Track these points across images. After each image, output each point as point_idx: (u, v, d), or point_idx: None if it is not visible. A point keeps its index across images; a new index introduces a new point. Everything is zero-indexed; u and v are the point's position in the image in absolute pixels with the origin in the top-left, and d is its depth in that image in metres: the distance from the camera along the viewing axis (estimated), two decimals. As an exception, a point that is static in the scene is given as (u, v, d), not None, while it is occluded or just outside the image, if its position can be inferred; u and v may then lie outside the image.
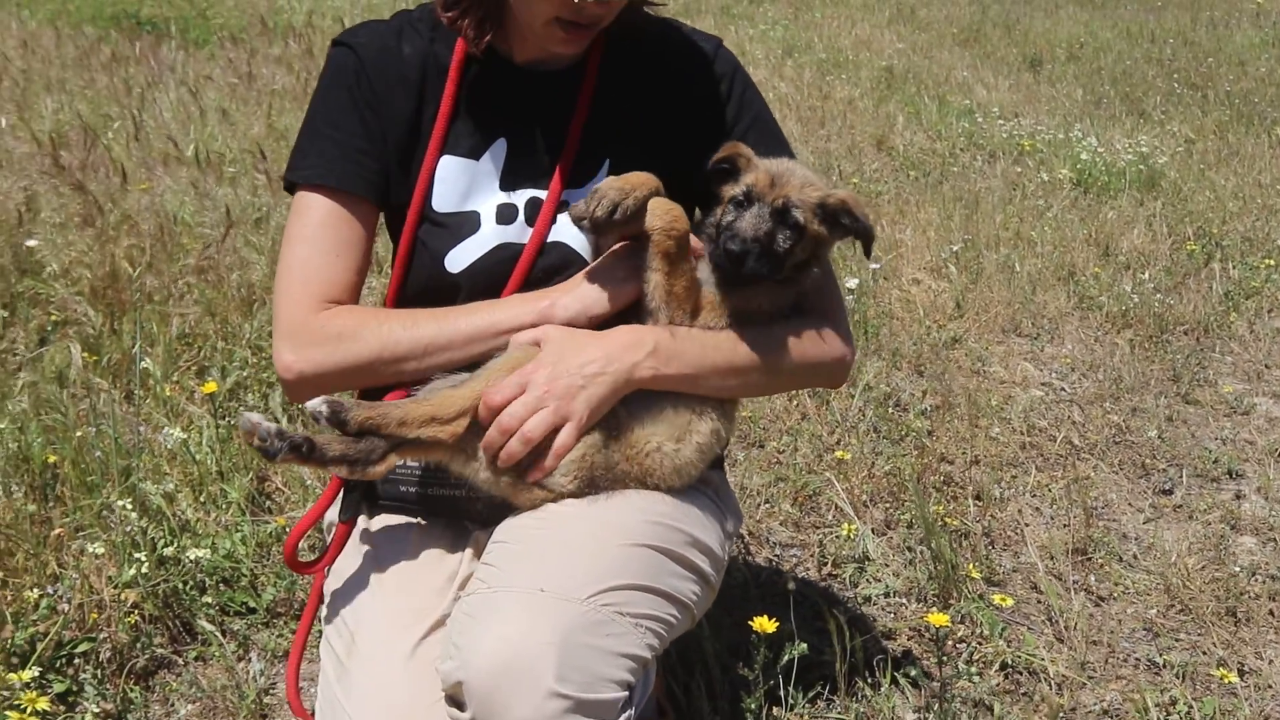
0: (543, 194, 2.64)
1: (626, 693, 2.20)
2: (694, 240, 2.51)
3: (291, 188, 2.69)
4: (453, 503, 2.61)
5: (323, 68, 2.75)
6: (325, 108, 2.69)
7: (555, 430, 2.37)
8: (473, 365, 2.50)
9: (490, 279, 2.61)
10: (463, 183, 2.65)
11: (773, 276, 2.48)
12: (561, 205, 2.63)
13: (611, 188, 2.36)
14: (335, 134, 2.64)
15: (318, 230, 2.61)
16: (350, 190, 2.61)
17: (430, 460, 2.52)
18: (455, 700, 2.19)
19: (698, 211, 2.69)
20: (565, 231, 2.62)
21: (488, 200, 2.65)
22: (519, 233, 2.63)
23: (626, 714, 2.21)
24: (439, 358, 2.51)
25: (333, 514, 2.79)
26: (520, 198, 2.65)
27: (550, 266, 2.60)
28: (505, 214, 2.63)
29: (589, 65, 2.70)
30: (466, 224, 2.64)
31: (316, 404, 2.31)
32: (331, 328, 2.53)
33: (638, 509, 2.42)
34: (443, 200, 2.65)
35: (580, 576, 2.23)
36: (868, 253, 2.59)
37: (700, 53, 2.80)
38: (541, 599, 2.17)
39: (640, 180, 2.40)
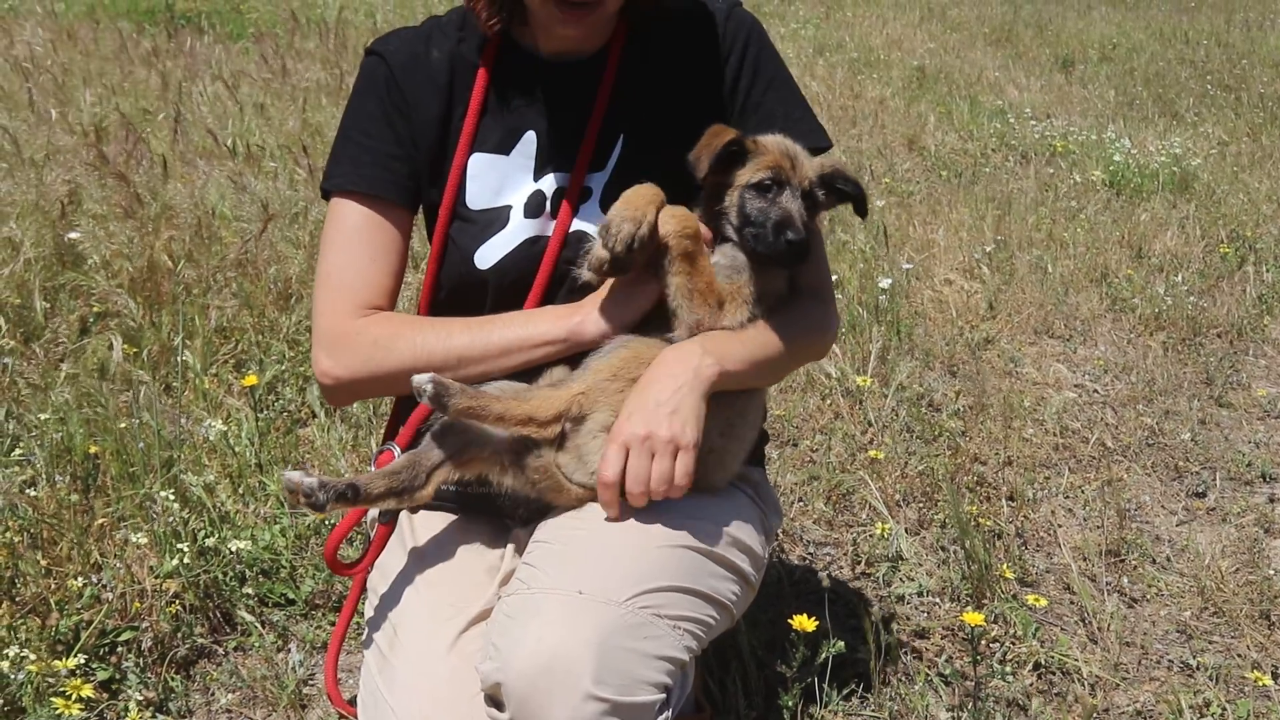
0: (562, 181, 2.67)
1: (664, 695, 2.22)
2: (702, 229, 2.53)
3: (327, 195, 2.74)
4: (492, 500, 2.63)
5: (356, 76, 2.79)
6: (357, 116, 2.74)
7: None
8: (515, 376, 2.54)
9: (517, 275, 2.64)
10: (494, 178, 2.68)
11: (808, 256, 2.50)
12: (584, 193, 2.66)
13: (622, 220, 2.34)
14: (367, 141, 2.69)
15: (352, 236, 2.65)
16: (382, 195, 2.66)
17: (469, 476, 2.55)
18: (494, 700, 2.22)
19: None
20: (589, 222, 2.64)
21: (519, 193, 2.68)
22: (544, 225, 2.66)
23: (663, 716, 2.24)
24: (473, 369, 2.55)
25: (374, 511, 2.82)
26: (548, 186, 2.67)
27: (575, 259, 2.62)
28: (534, 205, 2.67)
29: (611, 51, 2.72)
30: (497, 220, 2.67)
31: (422, 380, 2.32)
32: (368, 335, 2.58)
33: (679, 509, 2.43)
34: (476, 197, 2.68)
35: (619, 578, 2.25)
36: (862, 212, 2.67)
37: (713, 22, 2.80)
38: (580, 601, 2.19)
39: (644, 199, 2.38)
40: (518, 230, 2.65)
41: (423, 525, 2.74)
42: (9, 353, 4.78)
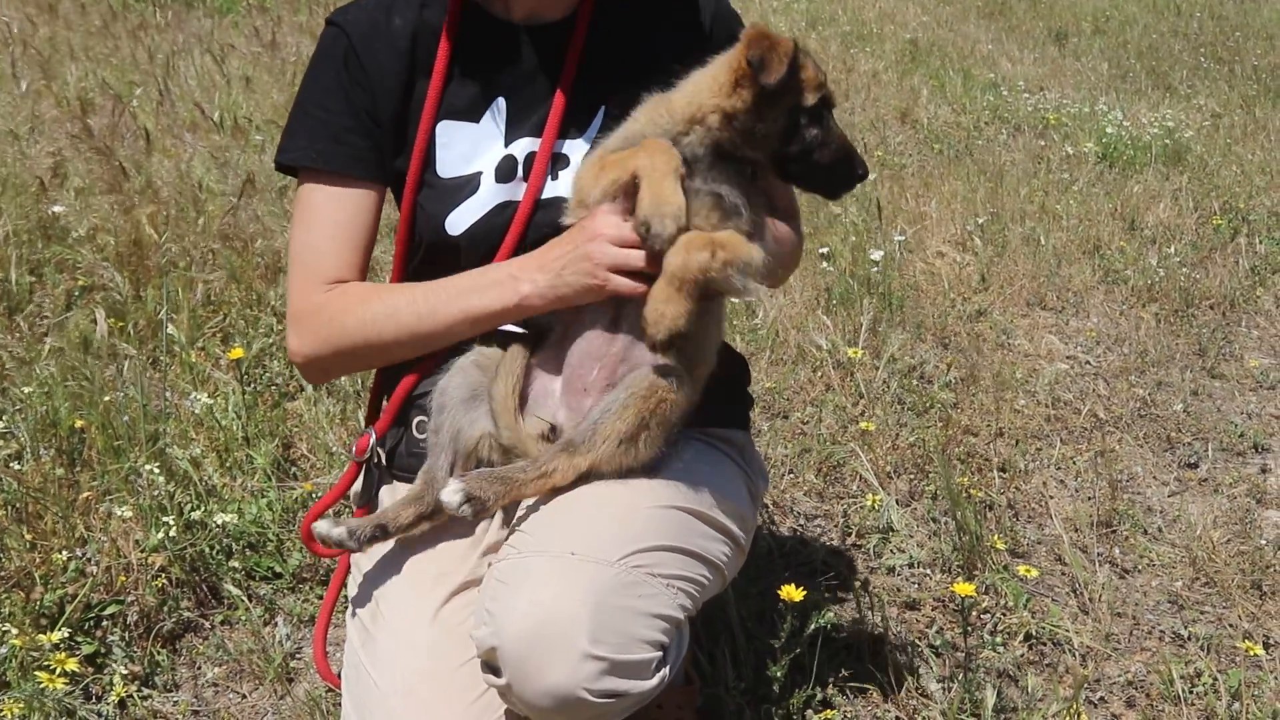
0: (537, 146, 2.63)
1: (660, 653, 2.21)
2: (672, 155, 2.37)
3: (282, 168, 2.73)
4: None
5: (316, 45, 2.75)
6: (314, 89, 2.70)
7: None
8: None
9: (489, 240, 2.61)
10: (464, 145, 2.64)
11: None
12: (557, 158, 2.62)
13: (662, 217, 2.23)
14: (323, 115, 2.65)
15: (314, 213, 2.64)
16: (340, 170, 2.63)
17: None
18: (491, 666, 2.20)
19: None
20: (563, 186, 2.60)
21: (489, 158, 2.65)
22: (515, 190, 2.62)
23: (661, 673, 2.22)
24: (425, 345, 2.57)
25: (355, 487, 2.80)
26: (520, 150, 2.64)
27: (549, 222, 2.56)
28: (505, 170, 2.63)
29: (580, 13, 2.67)
30: (467, 185, 2.64)
31: (453, 500, 2.29)
32: (325, 312, 2.58)
33: (666, 472, 2.42)
34: (446, 165, 2.65)
35: (611, 539, 2.24)
36: None
37: None
38: (572, 562, 2.17)
39: (669, 188, 2.27)
40: (489, 196, 2.61)
41: (406, 499, 2.72)
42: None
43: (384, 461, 2.74)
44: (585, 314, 2.46)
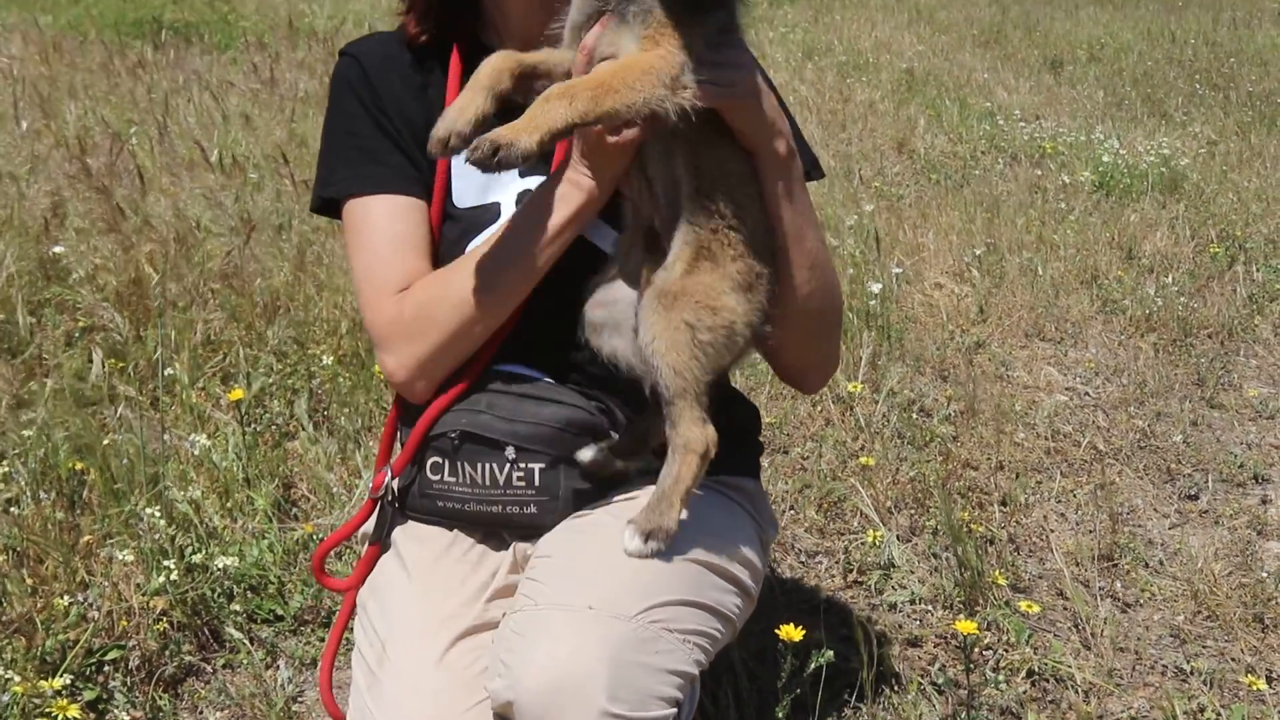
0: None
1: (675, 710, 2.20)
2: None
3: (329, 204, 2.70)
4: (496, 518, 2.60)
5: (330, 80, 2.76)
6: (339, 118, 2.70)
7: None
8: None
9: None
10: (479, 175, 2.62)
11: None
12: None
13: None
14: (354, 140, 2.65)
15: (372, 233, 2.61)
16: (387, 190, 2.61)
17: None
18: (504, 718, 2.20)
19: None
20: (592, 234, 2.59)
21: (508, 189, 2.65)
22: None
23: None
24: (521, 293, 2.50)
25: (366, 527, 2.79)
26: (537, 183, 2.61)
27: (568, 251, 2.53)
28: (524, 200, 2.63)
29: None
30: (486, 216, 2.63)
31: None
32: (409, 313, 2.52)
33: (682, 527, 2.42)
34: (462, 195, 2.65)
35: (628, 593, 2.23)
36: None
37: None
38: (590, 616, 2.16)
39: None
40: None
41: (414, 541, 2.70)
42: (-9, 370, 4.75)
43: (397, 500, 2.72)
44: None
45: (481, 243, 2.54)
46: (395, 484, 2.70)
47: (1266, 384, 6.02)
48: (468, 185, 2.66)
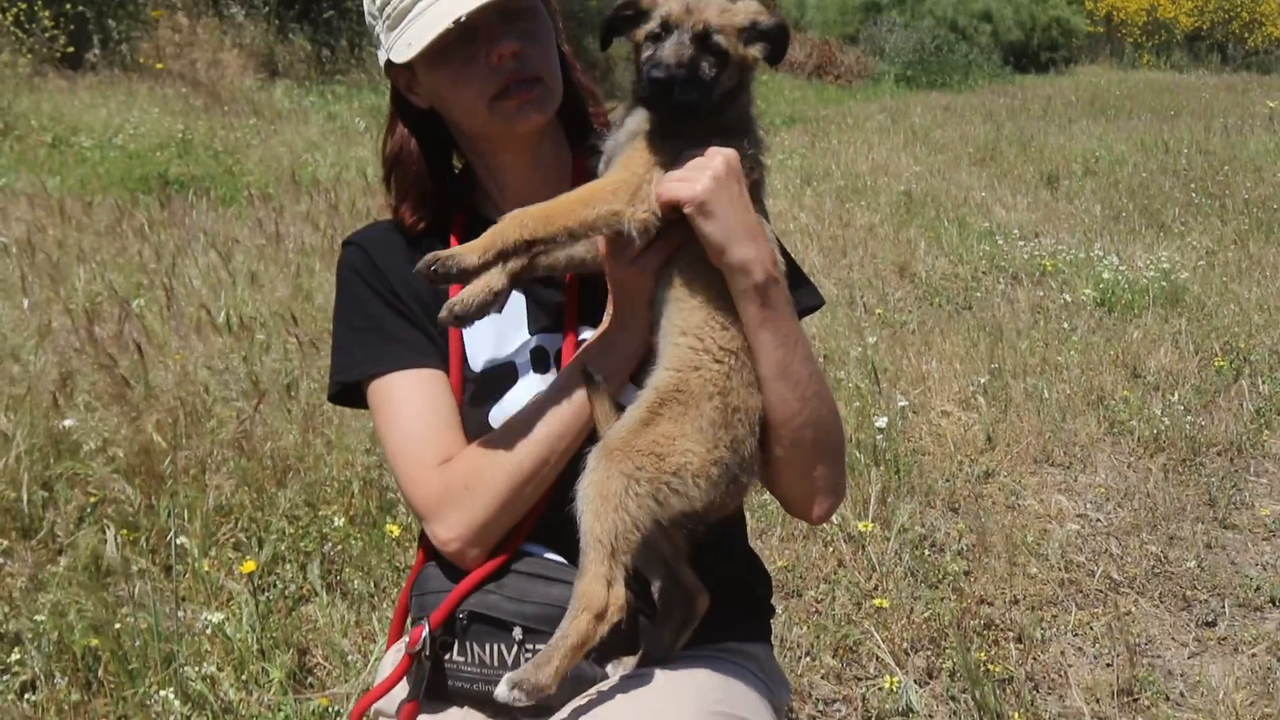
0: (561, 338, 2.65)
1: None
2: None
3: (348, 389, 2.73)
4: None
5: (337, 269, 2.81)
6: (349, 304, 2.74)
7: None
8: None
9: None
10: (491, 336, 2.66)
11: (704, 104, 2.34)
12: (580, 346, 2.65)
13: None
14: (368, 323, 2.68)
15: (401, 409, 2.61)
16: (407, 366, 2.64)
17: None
18: None
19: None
20: None
21: (520, 346, 2.67)
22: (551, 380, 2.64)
23: None
24: (564, 455, 2.49)
25: (384, 703, 2.77)
26: (550, 342, 2.66)
27: None
28: (539, 359, 2.65)
29: (576, 182, 2.64)
30: (505, 376, 2.65)
31: (505, 695, 2.25)
32: (460, 484, 2.51)
33: (691, 699, 2.41)
34: (477, 357, 2.67)
35: None
36: (778, 57, 2.42)
37: None
38: None
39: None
40: (529, 385, 2.62)
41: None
42: (3, 552, 4.77)
43: (430, 653, 2.68)
44: None
45: (517, 417, 2.54)
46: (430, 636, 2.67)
47: (1278, 501, 6.01)
48: (481, 346, 2.69)
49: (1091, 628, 4.73)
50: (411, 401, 2.62)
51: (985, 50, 36.23)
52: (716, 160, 2.30)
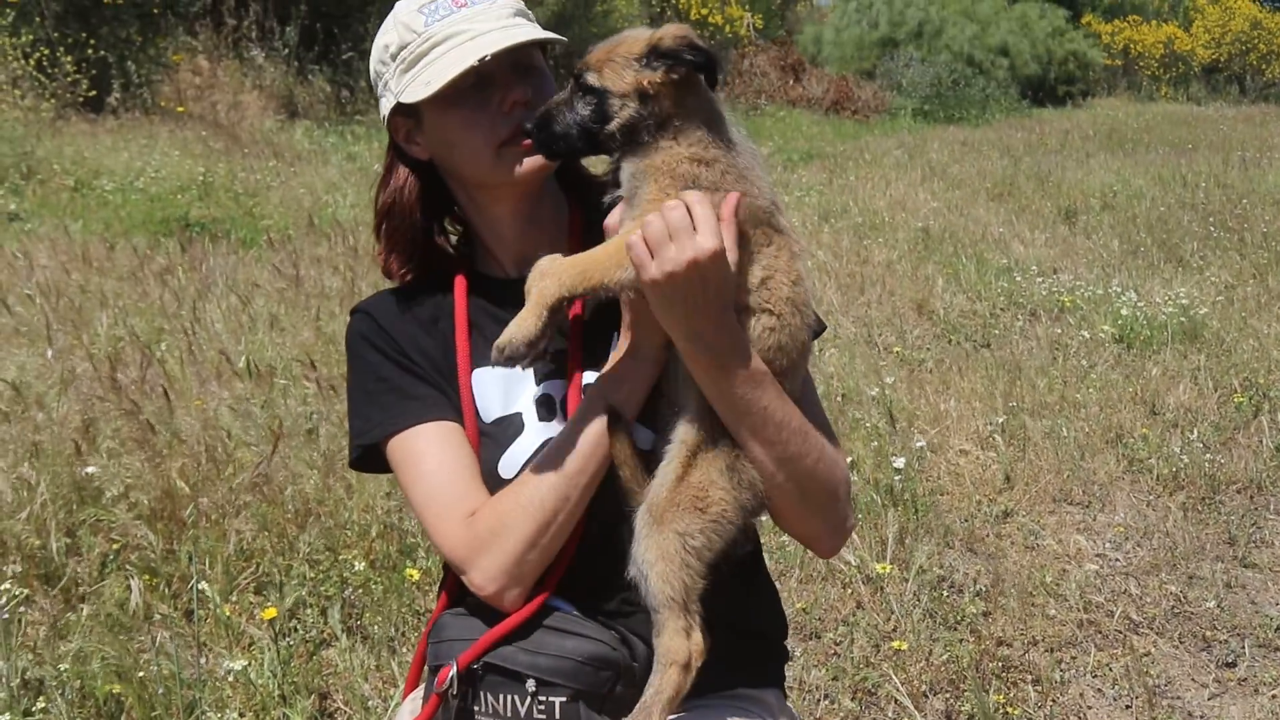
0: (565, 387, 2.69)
1: None
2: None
3: (370, 452, 2.76)
4: None
5: (346, 339, 2.85)
6: (362, 370, 2.78)
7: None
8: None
9: None
10: (498, 389, 2.70)
11: (581, 141, 2.43)
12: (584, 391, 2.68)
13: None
14: (383, 385, 2.72)
15: (423, 463, 2.65)
16: (426, 420, 2.67)
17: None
18: None
19: None
20: None
21: (526, 398, 2.70)
22: (558, 428, 2.67)
23: None
24: (587, 490, 2.54)
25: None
26: (556, 389, 2.69)
27: None
28: (545, 408, 2.68)
29: (570, 246, 2.68)
30: (511, 427, 2.68)
31: None
32: (488, 534, 2.54)
33: None
34: (487, 411, 2.71)
35: None
36: (712, 83, 2.43)
37: None
38: None
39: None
40: (536, 434, 2.66)
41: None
42: (25, 600, 4.80)
43: (456, 693, 2.70)
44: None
45: (537, 464, 2.56)
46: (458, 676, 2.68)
47: (1299, 539, 6.00)
48: (490, 400, 2.73)
49: (1110, 669, 4.73)
50: (433, 455, 2.65)
51: (1002, 84, 36.34)
52: (703, 234, 2.33)
